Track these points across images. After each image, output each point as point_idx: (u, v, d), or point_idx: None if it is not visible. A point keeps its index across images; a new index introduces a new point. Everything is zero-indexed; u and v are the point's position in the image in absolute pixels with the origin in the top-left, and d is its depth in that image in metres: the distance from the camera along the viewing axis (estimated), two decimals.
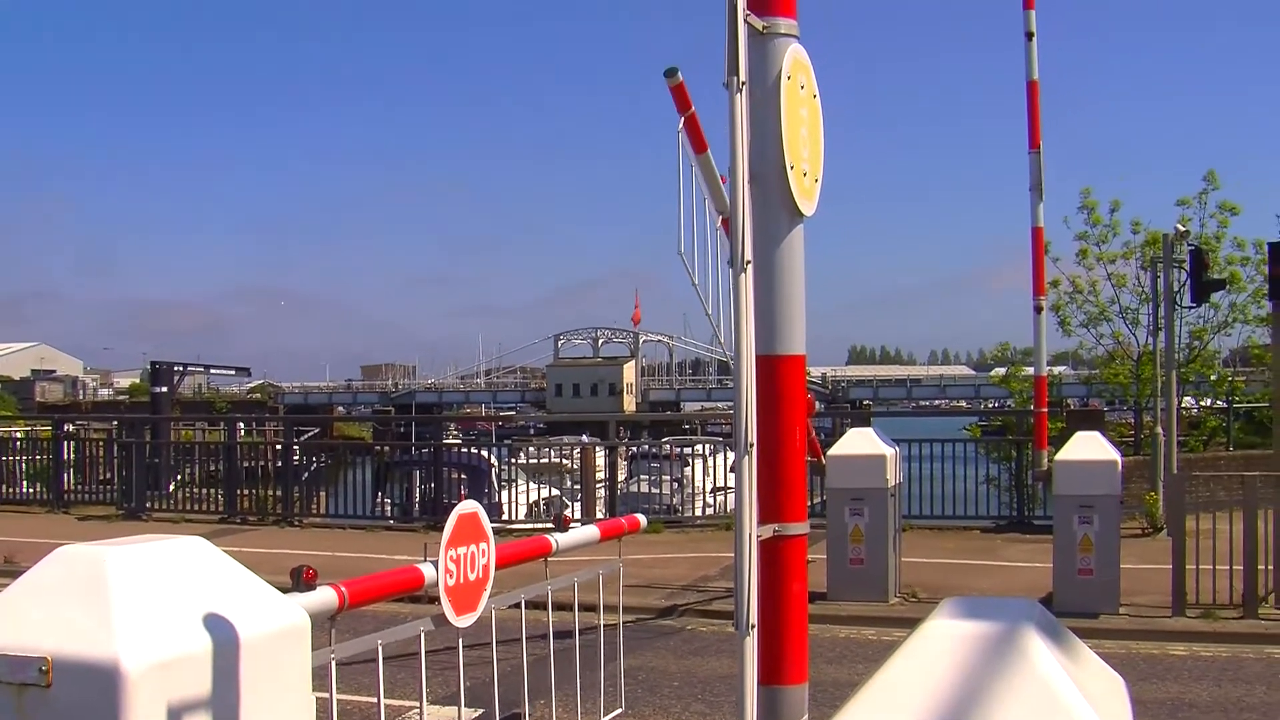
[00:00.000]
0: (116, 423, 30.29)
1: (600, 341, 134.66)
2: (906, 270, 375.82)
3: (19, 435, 27.38)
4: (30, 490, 23.88)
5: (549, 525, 6.31)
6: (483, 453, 23.61)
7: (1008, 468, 20.63)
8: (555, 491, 22.74)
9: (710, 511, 21.00)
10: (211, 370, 51.98)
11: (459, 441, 32.69)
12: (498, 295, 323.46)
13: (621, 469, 23.36)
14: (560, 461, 24.08)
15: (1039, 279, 14.20)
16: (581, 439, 28.38)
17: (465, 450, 25.16)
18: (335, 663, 4.40)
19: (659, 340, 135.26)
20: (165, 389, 30.55)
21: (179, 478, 23.11)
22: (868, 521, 12.70)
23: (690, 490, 21.81)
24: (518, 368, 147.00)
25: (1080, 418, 20.37)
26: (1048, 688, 2.84)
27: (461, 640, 5.15)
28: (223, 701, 3.32)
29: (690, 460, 22.47)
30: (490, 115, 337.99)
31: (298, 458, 22.25)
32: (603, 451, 22.19)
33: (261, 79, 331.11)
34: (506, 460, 22.62)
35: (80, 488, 23.56)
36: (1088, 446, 12.30)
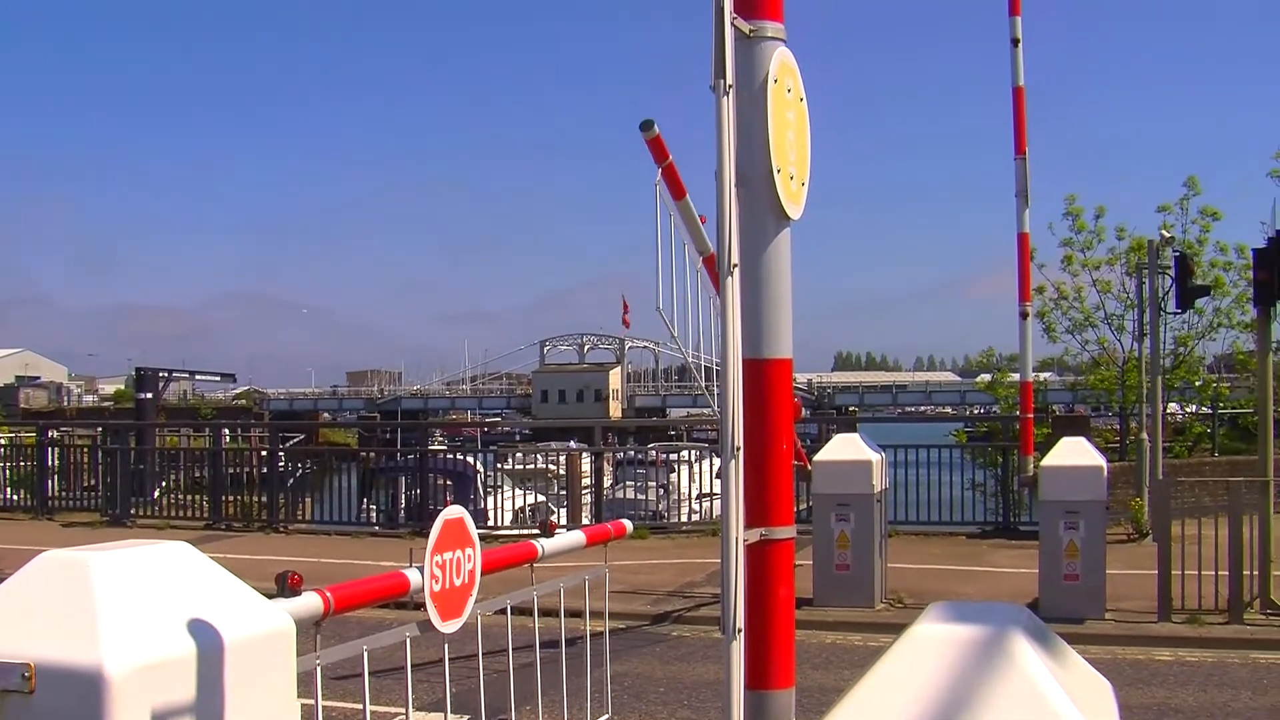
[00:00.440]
0: (101, 429, 30.24)
1: (586, 347, 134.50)
2: (892, 276, 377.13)
3: (3, 442, 27.33)
4: (14, 497, 23.84)
5: (535, 531, 6.30)
6: (468, 459, 23.63)
7: (993, 473, 20.68)
8: (541, 497, 22.75)
9: (696, 517, 20.98)
10: (197, 376, 51.62)
11: (444, 447, 32.62)
12: (484, 301, 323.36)
13: (607, 475, 23.38)
14: (547, 467, 24.09)
15: (1024, 285, 14.28)
16: (569, 445, 28.38)
17: (451, 456, 25.17)
18: (320, 668, 4.38)
19: (645, 346, 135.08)
20: (150, 395, 30.32)
21: (164, 484, 23.05)
22: (854, 527, 12.72)
23: (676, 496, 21.79)
24: (503, 374, 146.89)
25: (1066, 423, 20.39)
26: (1035, 691, 2.84)
27: (447, 646, 5.13)
28: (207, 707, 3.30)
29: (676, 466, 22.47)
30: (483, 117, 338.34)
31: (283, 464, 22.20)
32: (588, 457, 22.18)
33: (257, 79, 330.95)
34: (492, 466, 22.61)
35: (64, 494, 23.48)
36: (1073, 452, 12.32)
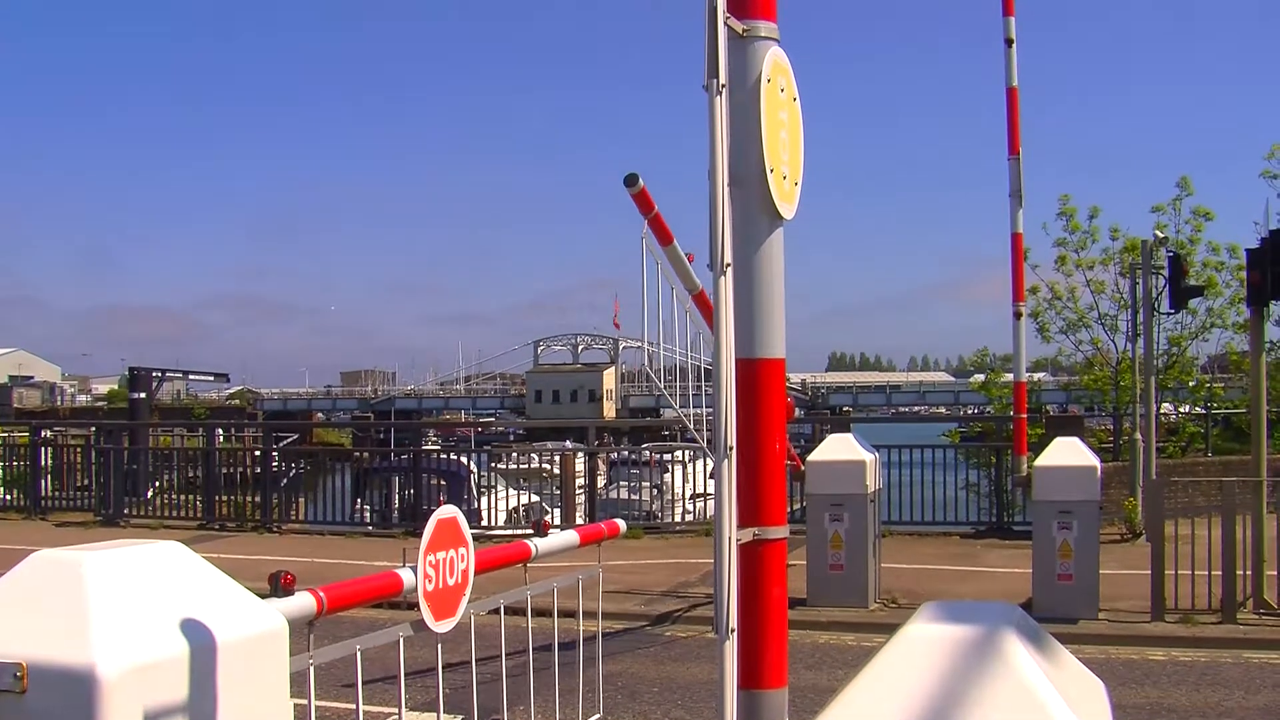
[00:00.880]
0: (94, 429, 30.18)
1: (580, 348, 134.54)
2: (886, 277, 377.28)
3: None
4: (7, 496, 23.79)
5: (528, 531, 6.28)
6: (462, 459, 23.63)
7: (987, 473, 20.70)
8: (535, 497, 22.74)
9: (690, 518, 20.97)
10: (190, 376, 51.64)
11: (438, 447, 32.64)
12: (478, 301, 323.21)
13: (601, 475, 23.37)
14: (542, 467, 24.09)
15: (1018, 285, 14.30)
16: (565, 445, 28.38)
17: (444, 456, 25.15)
18: (313, 668, 4.37)
19: (639, 346, 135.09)
20: (143, 395, 30.35)
21: (157, 484, 23.02)
22: (847, 527, 12.72)
23: (670, 496, 21.80)
24: (497, 374, 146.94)
25: (1059, 424, 20.40)
26: (1027, 690, 2.85)
27: (440, 646, 5.12)
28: (200, 707, 3.29)
29: (669, 466, 22.47)
30: (483, 116, 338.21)
31: (277, 464, 22.16)
32: (582, 457, 22.18)
33: (256, 79, 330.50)
34: (486, 466, 22.60)
35: (58, 494, 23.46)
36: (1067, 452, 12.34)
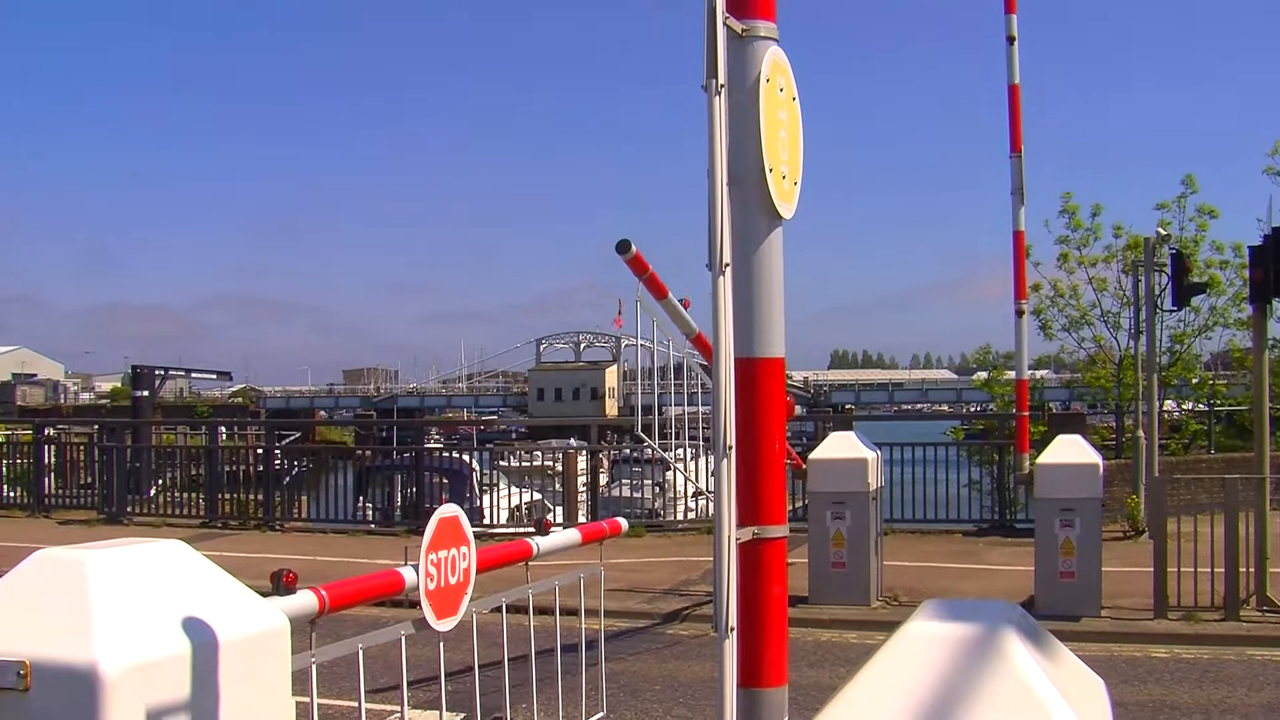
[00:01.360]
0: (97, 426, 30.26)
1: (582, 346, 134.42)
2: (887, 275, 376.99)
3: None
4: (10, 494, 23.81)
5: (530, 529, 6.29)
6: (464, 457, 23.63)
7: (989, 471, 20.69)
8: (537, 495, 22.75)
9: (692, 516, 20.98)
10: (193, 374, 51.76)
11: (440, 446, 32.65)
12: (479, 300, 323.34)
13: (603, 473, 23.36)
14: (545, 465, 24.09)
15: (1020, 283, 14.29)
16: (569, 443, 28.39)
17: (447, 454, 25.17)
18: (315, 666, 4.38)
19: (641, 345, 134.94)
20: (146, 393, 30.40)
21: (160, 482, 23.05)
22: (849, 525, 12.73)
23: (672, 494, 21.80)
24: (500, 372, 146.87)
25: (1062, 421, 20.39)
26: (1027, 689, 2.85)
27: (442, 644, 5.13)
28: (202, 705, 3.30)
29: (671, 464, 22.46)
30: (482, 117, 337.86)
31: (279, 462, 22.21)
32: (585, 456, 22.19)
33: (256, 79, 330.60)
34: (488, 464, 22.62)
35: (61, 492, 23.50)
36: (1069, 450, 12.34)
